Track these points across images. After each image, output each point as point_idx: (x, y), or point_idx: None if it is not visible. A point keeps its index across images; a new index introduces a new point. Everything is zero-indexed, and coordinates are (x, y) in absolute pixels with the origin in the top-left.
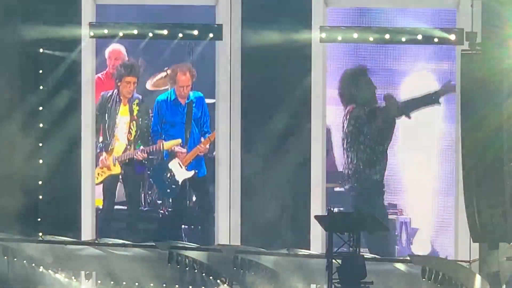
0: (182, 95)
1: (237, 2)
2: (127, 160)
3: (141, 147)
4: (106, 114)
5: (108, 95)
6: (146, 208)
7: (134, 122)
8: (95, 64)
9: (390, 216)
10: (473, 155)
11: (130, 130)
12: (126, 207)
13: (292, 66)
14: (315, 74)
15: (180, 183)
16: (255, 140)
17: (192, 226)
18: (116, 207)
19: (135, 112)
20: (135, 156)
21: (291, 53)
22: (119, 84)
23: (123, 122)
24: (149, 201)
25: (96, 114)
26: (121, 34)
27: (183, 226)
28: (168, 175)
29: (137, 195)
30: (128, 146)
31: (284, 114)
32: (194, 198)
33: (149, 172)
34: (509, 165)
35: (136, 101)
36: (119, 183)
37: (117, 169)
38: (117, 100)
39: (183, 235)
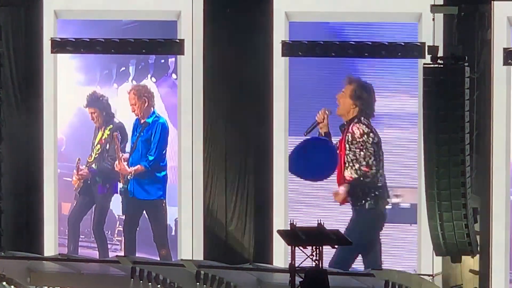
0: (136, 114)
1: (199, 16)
2: None
3: None
4: None
5: None
6: None
7: None
8: (56, 79)
9: None
10: (435, 169)
11: None
12: None
13: (254, 80)
14: (277, 88)
15: None
16: (218, 153)
17: None
18: None
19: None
20: None
21: (253, 67)
22: None
23: None
24: None
25: None
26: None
27: None
28: None
29: None
30: None
31: (247, 128)
32: None
33: None
34: (472, 177)
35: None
36: None
37: None
38: None
39: None
